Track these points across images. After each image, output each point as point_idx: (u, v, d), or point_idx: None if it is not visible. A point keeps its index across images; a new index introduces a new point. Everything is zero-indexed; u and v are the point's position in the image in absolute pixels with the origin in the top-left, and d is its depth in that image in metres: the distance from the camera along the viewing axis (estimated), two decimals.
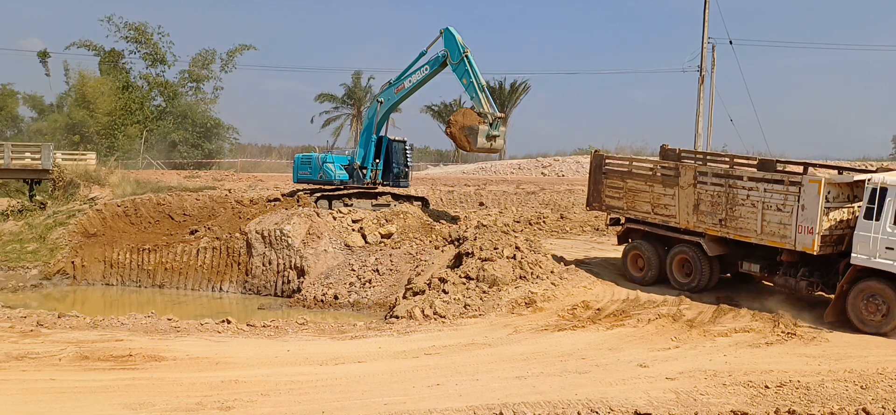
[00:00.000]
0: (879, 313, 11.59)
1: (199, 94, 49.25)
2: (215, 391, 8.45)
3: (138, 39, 46.86)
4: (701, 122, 35.69)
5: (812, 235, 12.24)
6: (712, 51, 35.72)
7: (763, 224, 13.09)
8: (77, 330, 11.91)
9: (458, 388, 8.72)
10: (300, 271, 19.04)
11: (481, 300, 14.08)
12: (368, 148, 22.83)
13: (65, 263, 21.04)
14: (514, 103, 59.16)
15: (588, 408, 7.94)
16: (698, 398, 8.34)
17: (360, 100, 55.09)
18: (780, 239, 12.84)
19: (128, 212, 22.60)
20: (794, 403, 8.20)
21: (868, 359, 10.07)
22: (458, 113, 20.92)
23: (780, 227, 12.82)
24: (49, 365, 9.56)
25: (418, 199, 24.30)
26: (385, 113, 22.68)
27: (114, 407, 7.85)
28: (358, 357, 10.37)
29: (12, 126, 49.29)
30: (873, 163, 48.57)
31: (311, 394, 8.46)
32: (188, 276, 20.57)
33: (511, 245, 16.18)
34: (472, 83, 20.03)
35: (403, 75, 21.87)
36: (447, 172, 43.81)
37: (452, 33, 20.41)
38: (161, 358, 9.99)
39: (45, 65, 48.21)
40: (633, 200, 15.67)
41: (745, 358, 10.17)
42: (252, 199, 23.04)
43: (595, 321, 12.70)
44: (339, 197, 22.74)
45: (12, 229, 22.58)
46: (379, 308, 16.56)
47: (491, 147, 20.24)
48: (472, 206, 27.76)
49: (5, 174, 27.48)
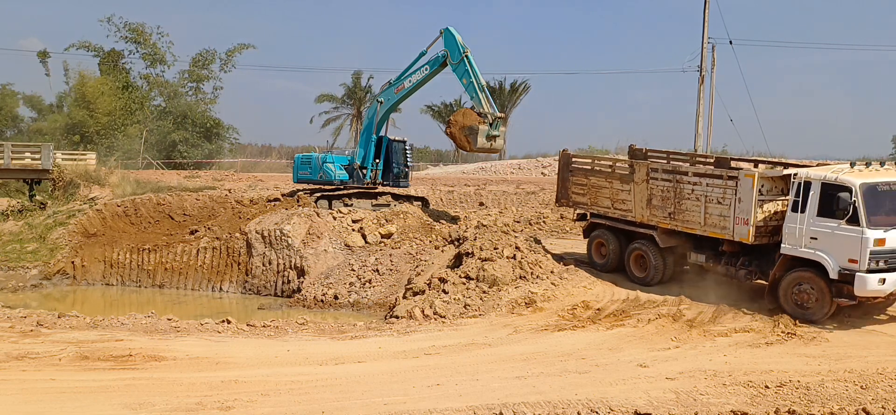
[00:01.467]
0: (810, 300, 12.17)
1: (199, 94, 49.28)
2: (215, 391, 8.46)
3: (137, 40, 46.87)
4: (701, 122, 35.69)
5: (747, 226, 12.97)
6: (712, 51, 35.71)
7: (706, 216, 13.82)
8: (77, 330, 11.91)
9: (458, 388, 8.72)
10: (300, 271, 19.04)
11: (481, 300, 14.08)
12: (368, 148, 22.84)
13: (65, 263, 21.04)
14: (514, 103, 59.13)
15: (588, 408, 7.94)
16: (698, 398, 8.34)
17: (360, 100, 55.04)
18: (721, 230, 13.55)
19: (128, 212, 22.61)
20: (794, 403, 8.20)
21: (868, 359, 10.07)
22: (458, 113, 20.92)
23: (720, 219, 13.54)
24: (49, 365, 9.56)
25: (418, 199, 24.30)
26: (385, 113, 22.69)
27: (114, 407, 7.85)
28: (358, 357, 10.37)
29: (12, 126, 49.27)
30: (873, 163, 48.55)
31: (311, 394, 8.47)
32: (188, 276, 20.57)
33: (511, 245, 16.19)
34: (472, 83, 20.03)
35: (403, 75, 21.87)
36: (447, 172, 43.81)
37: (452, 33, 20.41)
38: (161, 358, 9.99)
39: (45, 65, 48.25)
40: (596, 196, 16.50)
41: (745, 358, 10.17)
42: (252, 199, 23.04)
43: (595, 321, 12.70)
44: (339, 197, 22.74)
45: (12, 229, 22.59)
46: (379, 308, 16.57)
47: (491, 147, 20.25)
48: (472, 206, 27.75)
49: (5, 174, 27.48)
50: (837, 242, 11.76)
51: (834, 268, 11.75)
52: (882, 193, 11.74)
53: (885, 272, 11.49)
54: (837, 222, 11.68)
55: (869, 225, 11.40)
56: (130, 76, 47.69)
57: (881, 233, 11.44)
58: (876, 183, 11.75)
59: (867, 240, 11.37)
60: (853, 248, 11.52)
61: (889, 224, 11.56)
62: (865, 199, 11.48)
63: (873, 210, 11.52)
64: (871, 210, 11.49)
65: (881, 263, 11.49)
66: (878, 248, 11.41)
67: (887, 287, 11.57)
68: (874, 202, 11.58)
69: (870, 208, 11.48)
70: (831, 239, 11.83)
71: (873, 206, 11.54)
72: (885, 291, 11.63)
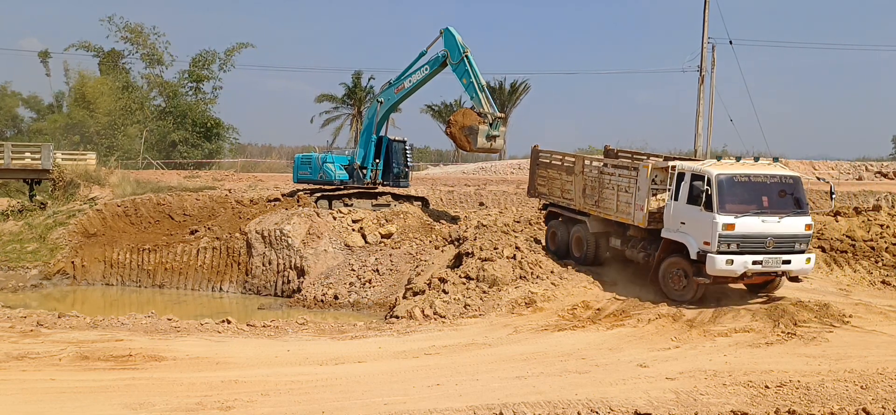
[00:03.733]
0: (679, 282, 13.73)
1: (199, 94, 49.27)
2: (215, 391, 8.45)
3: (135, 40, 46.86)
4: (701, 122, 35.67)
5: (642, 212, 14.37)
6: (712, 51, 35.67)
7: (618, 204, 15.25)
8: (77, 330, 11.90)
9: (458, 388, 8.71)
10: (300, 271, 19.04)
11: (481, 300, 14.08)
12: (369, 148, 22.84)
13: (65, 263, 21.04)
14: (514, 103, 59.13)
15: (588, 408, 7.93)
16: (698, 398, 8.34)
17: (360, 100, 54.97)
18: (627, 216, 14.98)
19: (128, 212, 22.61)
20: (794, 403, 8.19)
21: (868, 359, 10.06)
22: (458, 113, 20.92)
23: (627, 206, 14.92)
24: (49, 365, 9.56)
25: (418, 199, 24.30)
26: (385, 113, 22.69)
27: (114, 407, 7.85)
28: (358, 357, 10.37)
29: (12, 126, 49.28)
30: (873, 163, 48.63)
31: (311, 394, 8.46)
32: (188, 276, 20.57)
33: (511, 245, 16.20)
34: (472, 83, 20.03)
35: (403, 75, 21.87)
36: (447, 172, 43.81)
37: (452, 33, 20.41)
38: (161, 358, 9.99)
39: (45, 65, 48.27)
40: (552, 187, 18.13)
41: (745, 358, 10.16)
42: (252, 199, 23.05)
43: (595, 321, 12.71)
44: (339, 197, 22.74)
45: (12, 229, 22.58)
46: (379, 308, 16.57)
47: (491, 147, 20.24)
48: (472, 206, 27.74)
49: (5, 174, 27.47)
50: (698, 226, 13.18)
51: (694, 249, 13.17)
52: (736, 183, 13.09)
53: (733, 254, 12.84)
54: (699, 208, 13.02)
55: (720, 211, 12.75)
56: (130, 76, 47.72)
57: (731, 219, 12.78)
58: (731, 175, 13.10)
59: (717, 224, 12.73)
60: (708, 231, 12.93)
61: (740, 211, 12.88)
62: (719, 188, 12.84)
63: (726, 199, 12.85)
64: (724, 198, 12.83)
65: (731, 245, 12.83)
66: (726, 232, 12.77)
67: (736, 268, 12.86)
68: (727, 192, 12.90)
69: (722, 197, 12.82)
70: (694, 223, 13.27)
71: (726, 195, 12.87)
72: (735, 271, 12.92)
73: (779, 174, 13.45)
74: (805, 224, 13.29)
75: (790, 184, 13.41)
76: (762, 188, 13.22)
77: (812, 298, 13.75)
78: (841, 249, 17.10)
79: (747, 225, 12.86)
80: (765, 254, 13.01)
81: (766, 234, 12.98)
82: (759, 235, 12.95)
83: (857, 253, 16.87)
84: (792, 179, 13.53)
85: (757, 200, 13.12)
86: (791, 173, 13.75)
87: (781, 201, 13.22)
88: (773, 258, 13.06)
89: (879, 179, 44.92)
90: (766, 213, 13.01)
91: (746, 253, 12.90)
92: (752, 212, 12.95)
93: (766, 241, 12.98)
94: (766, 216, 12.98)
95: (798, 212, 13.26)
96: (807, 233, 13.37)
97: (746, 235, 12.87)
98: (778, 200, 13.22)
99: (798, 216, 13.21)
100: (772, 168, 13.63)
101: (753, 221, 12.91)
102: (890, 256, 16.46)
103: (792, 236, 13.17)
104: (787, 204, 13.23)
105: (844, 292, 14.98)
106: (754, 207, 13.02)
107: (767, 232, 12.97)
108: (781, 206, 13.17)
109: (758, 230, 12.94)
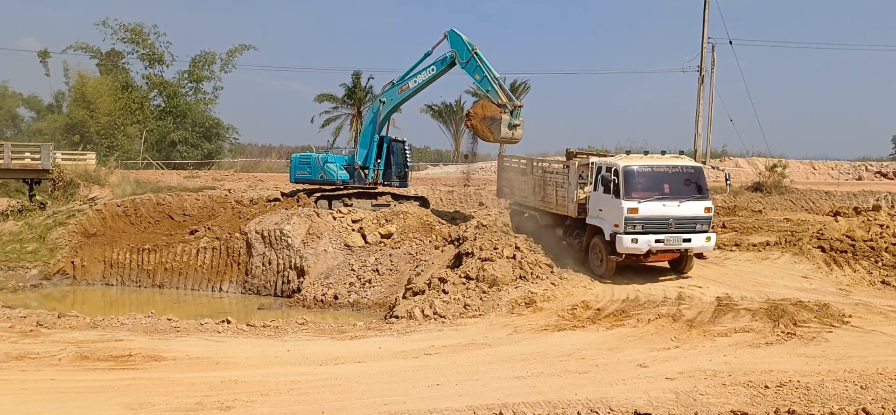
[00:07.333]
0: (599, 259, 15.67)
1: (199, 94, 49.27)
2: (215, 391, 8.45)
3: (135, 40, 46.83)
4: (701, 122, 35.71)
5: (573, 203, 16.57)
6: (712, 51, 35.77)
7: (557, 199, 17.36)
8: (77, 330, 11.91)
9: (457, 388, 8.71)
10: (300, 271, 19.04)
11: (481, 300, 14.07)
12: (371, 148, 22.81)
13: (65, 263, 21.04)
14: None
15: (588, 408, 7.93)
16: (698, 398, 8.33)
17: (360, 100, 54.89)
18: (563, 208, 17.08)
19: (128, 212, 22.61)
20: (794, 403, 8.18)
21: (868, 359, 10.05)
22: (477, 105, 20.70)
23: (563, 199, 17.06)
24: (49, 365, 9.56)
25: (418, 199, 24.29)
26: (387, 113, 22.65)
27: (114, 407, 7.85)
28: (358, 357, 10.37)
29: (12, 126, 49.27)
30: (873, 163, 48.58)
31: (311, 394, 8.46)
32: (188, 276, 20.57)
33: (511, 245, 16.19)
34: (486, 78, 19.96)
35: (407, 75, 21.79)
36: (447, 172, 43.80)
37: (458, 34, 20.36)
38: (161, 358, 9.99)
39: (45, 65, 48.21)
40: (513, 188, 20.25)
41: (745, 358, 10.15)
42: (252, 199, 23.05)
43: (595, 321, 12.70)
44: (339, 197, 22.73)
45: (12, 229, 22.57)
46: (379, 308, 16.56)
47: (513, 136, 19.93)
48: (472, 206, 27.75)
49: (5, 174, 27.45)
50: (610, 212, 15.13)
51: (608, 231, 15.15)
52: (640, 174, 14.97)
53: (638, 235, 14.73)
54: (610, 196, 15.02)
55: (625, 198, 14.69)
56: (130, 76, 47.70)
57: (635, 203, 14.67)
58: (635, 166, 15.02)
59: (623, 208, 14.67)
60: (617, 215, 14.88)
61: (643, 198, 14.74)
62: (625, 178, 14.77)
63: (630, 187, 14.75)
64: (629, 187, 14.74)
65: (636, 227, 14.72)
66: (631, 215, 14.68)
67: (641, 246, 14.75)
68: (632, 181, 14.80)
69: (628, 185, 14.74)
70: (608, 209, 15.24)
71: (631, 183, 14.77)
72: (640, 249, 14.80)
73: (680, 165, 15.42)
74: (704, 207, 15.12)
75: (692, 173, 15.34)
76: (664, 177, 15.14)
77: (812, 298, 13.76)
78: (841, 250, 17.09)
79: (650, 209, 14.73)
80: (667, 234, 14.87)
81: (668, 216, 14.82)
82: (660, 217, 14.81)
83: (857, 253, 16.85)
84: (693, 169, 15.52)
85: (659, 187, 15.00)
86: (693, 164, 15.95)
87: (683, 188, 15.06)
88: (674, 237, 14.95)
89: (879, 179, 44.99)
90: (667, 198, 14.88)
91: (650, 233, 14.77)
92: (655, 198, 14.81)
93: (668, 222, 14.84)
94: (667, 201, 14.85)
95: (698, 197, 15.09)
96: (707, 215, 15.20)
97: (649, 217, 14.73)
98: (680, 187, 15.06)
99: (698, 201, 15.06)
100: (675, 160, 15.64)
101: (655, 206, 14.76)
102: (890, 256, 16.44)
103: (692, 218, 15.00)
104: (688, 191, 15.05)
105: (844, 292, 14.97)
106: (657, 193, 14.90)
107: (669, 215, 14.81)
108: (682, 192, 14.99)
109: (659, 213, 14.80)
